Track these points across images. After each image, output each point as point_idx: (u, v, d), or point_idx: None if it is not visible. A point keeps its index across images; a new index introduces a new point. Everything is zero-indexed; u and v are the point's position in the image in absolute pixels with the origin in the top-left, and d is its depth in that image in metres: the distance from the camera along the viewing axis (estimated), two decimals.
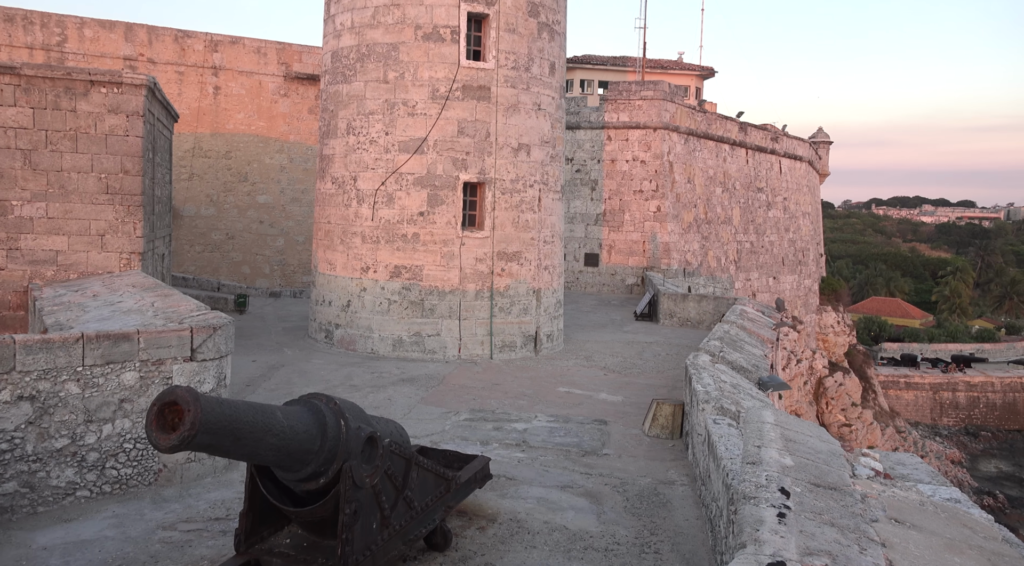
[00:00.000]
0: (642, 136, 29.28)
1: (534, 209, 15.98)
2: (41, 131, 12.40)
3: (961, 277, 76.39)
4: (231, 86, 27.13)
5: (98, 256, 12.96)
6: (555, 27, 16.30)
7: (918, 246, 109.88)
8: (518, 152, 15.65)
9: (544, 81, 16.03)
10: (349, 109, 15.64)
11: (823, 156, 49.81)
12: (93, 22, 25.04)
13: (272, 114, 27.83)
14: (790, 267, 40.25)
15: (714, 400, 8.16)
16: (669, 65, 50.14)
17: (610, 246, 29.28)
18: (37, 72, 12.30)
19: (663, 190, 29.05)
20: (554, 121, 16.50)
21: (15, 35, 23.86)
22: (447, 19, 14.93)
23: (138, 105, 12.92)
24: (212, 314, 8.58)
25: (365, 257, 15.46)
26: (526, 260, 15.91)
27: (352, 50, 15.55)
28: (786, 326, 19.06)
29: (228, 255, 27.40)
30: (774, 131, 39.72)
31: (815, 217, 47.05)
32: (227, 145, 27.22)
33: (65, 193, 12.67)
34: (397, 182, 15.18)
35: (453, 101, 15.03)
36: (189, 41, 26.49)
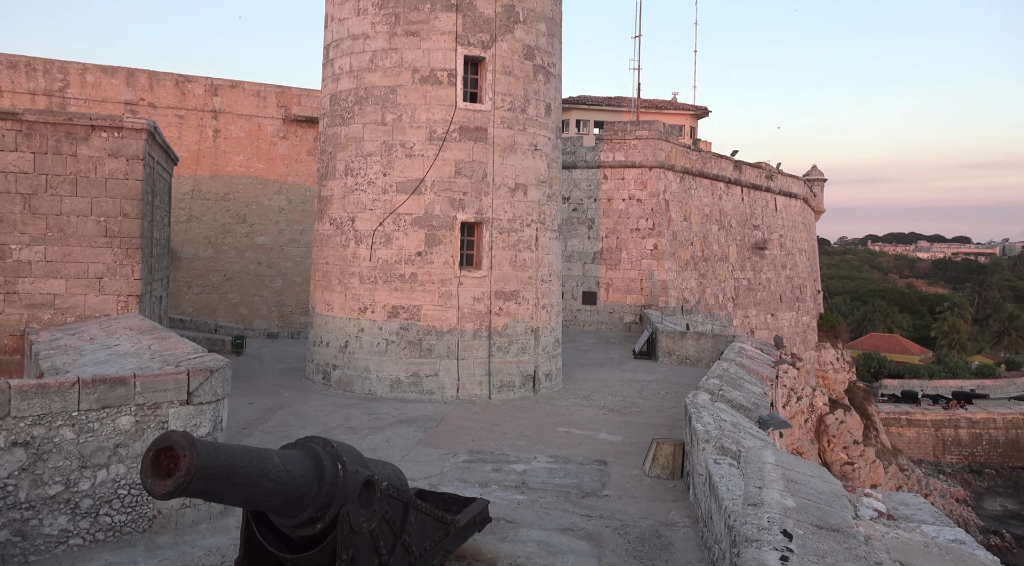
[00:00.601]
0: (638, 175, 29.55)
1: (531, 248, 16.05)
2: (41, 175, 12.49)
3: (959, 313, 76.45)
4: (231, 129, 27.43)
5: (96, 299, 12.95)
6: (550, 69, 16.56)
7: (915, 282, 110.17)
8: (515, 192, 15.77)
9: (540, 122, 16.23)
10: (347, 151, 15.79)
11: (818, 193, 50.22)
12: (95, 68, 25.39)
13: (271, 156, 28.09)
14: (788, 304, 40.29)
15: (714, 439, 8.10)
16: (663, 105, 50.85)
17: (608, 284, 29.33)
18: (39, 118, 12.44)
19: (660, 228, 29.21)
20: (550, 161, 16.66)
21: (18, 81, 24.18)
22: (444, 63, 15.18)
23: (138, 149, 13.04)
24: (209, 357, 8.55)
25: (363, 297, 15.47)
26: (524, 299, 15.92)
27: (351, 93, 15.76)
28: (785, 363, 19.01)
29: (226, 296, 27.39)
30: (769, 169, 40.11)
31: (811, 254, 47.25)
32: (226, 187, 27.41)
33: (64, 236, 12.71)
34: (395, 222, 15.26)
35: (450, 142, 15.20)
36: (190, 85, 26.85)
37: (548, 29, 16.38)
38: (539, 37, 16.07)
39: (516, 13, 15.60)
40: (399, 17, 15.22)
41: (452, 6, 15.09)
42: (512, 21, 15.54)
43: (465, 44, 15.22)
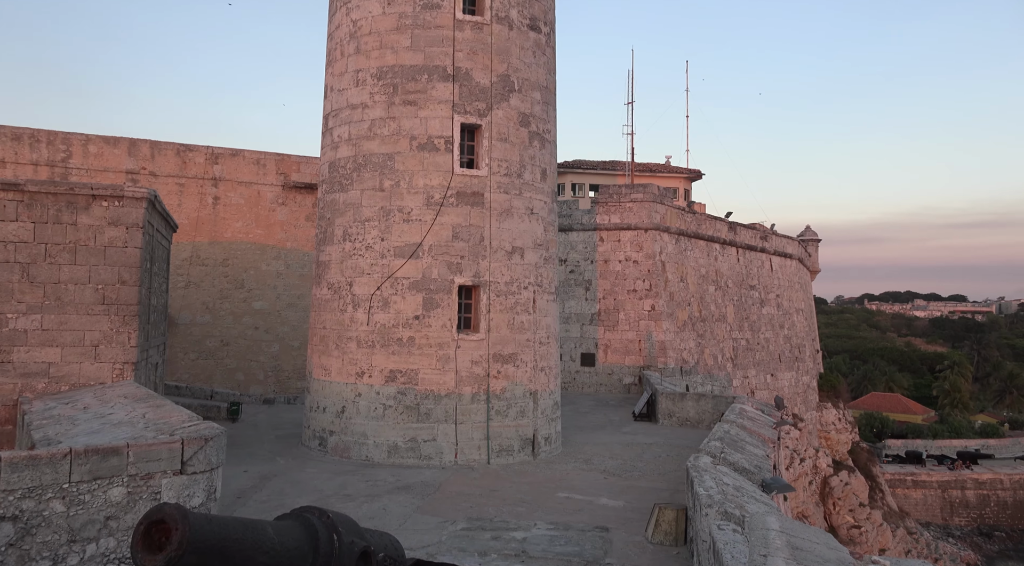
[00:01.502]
0: (634, 237, 29.82)
1: (529, 311, 16.06)
2: (41, 244, 12.58)
3: (959, 371, 76.08)
4: (230, 196, 27.76)
5: (91, 367, 12.87)
6: (545, 136, 16.88)
7: (913, 340, 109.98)
8: (512, 255, 15.88)
9: (536, 186, 16.46)
10: (345, 216, 15.95)
11: (812, 253, 50.61)
12: (98, 138, 25.86)
13: (270, 222, 28.35)
14: (787, 364, 40.11)
15: (717, 504, 7.95)
16: (657, 168, 51.70)
17: (606, 346, 29.24)
18: (41, 188, 12.60)
19: (656, 289, 29.31)
20: (547, 224, 16.82)
21: (21, 152, 24.58)
22: (442, 130, 15.48)
23: (138, 217, 13.17)
24: (204, 424, 8.45)
25: (360, 362, 15.39)
26: (522, 362, 15.84)
27: (349, 160, 16.02)
28: (787, 424, 18.81)
29: (222, 362, 27.23)
30: (763, 230, 40.52)
31: (809, 313, 47.31)
32: (224, 253, 27.57)
33: (61, 305, 12.72)
34: (392, 287, 15.31)
35: (448, 207, 15.37)
36: (191, 154, 27.30)
37: (543, 97, 16.77)
38: (534, 105, 16.45)
39: (511, 82, 16.00)
40: (397, 87, 15.59)
41: (449, 76, 15.48)
42: (507, 90, 15.93)
43: (462, 112, 15.56)
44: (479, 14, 15.83)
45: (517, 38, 16.15)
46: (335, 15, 16.88)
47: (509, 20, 16.02)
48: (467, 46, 15.61)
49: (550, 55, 17.25)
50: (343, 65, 16.36)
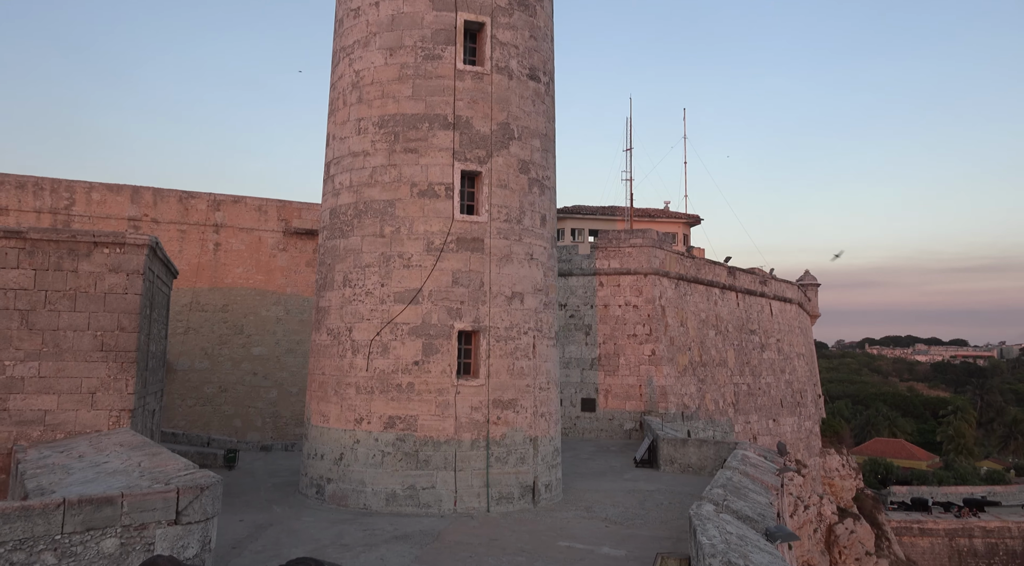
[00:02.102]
0: (633, 282, 29.88)
1: (529, 356, 16.00)
2: (41, 291, 12.60)
3: (963, 416, 75.44)
4: (231, 242, 27.90)
5: (87, 414, 12.77)
6: (545, 182, 17.05)
7: (916, 385, 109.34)
8: (512, 300, 15.89)
9: (536, 232, 16.56)
10: (346, 262, 16.01)
11: (812, 298, 50.64)
12: (101, 186, 26.10)
13: (270, 268, 28.44)
14: (789, 409, 39.81)
15: (721, 554, 7.81)
16: (656, 213, 52.05)
17: (607, 391, 29.06)
18: (43, 235, 12.68)
19: (657, 334, 29.25)
20: (546, 270, 16.88)
21: (24, 200, 24.79)
22: (442, 177, 15.64)
23: (139, 264, 13.22)
24: (200, 473, 8.35)
25: (359, 408, 15.27)
26: (522, 408, 15.72)
27: (350, 207, 16.14)
28: (790, 471, 18.58)
29: (220, 408, 27.03)
30: (762, 275, 40.62)
31: (810, 358, 47.13)
32: (225, 299, 27.59)
33: (59, 352, 12.68)
34: (392, 332, 15.28)
35: (448, 253, 15.44)
36: (193, 201, 27.53)
37: (542, 145, 16.99)
38: (533, 152, 16.65)
39: (511, 130, 16.22)
40: (398, 135, 15.80)
41: (450, 125, 15.71)
42: (507, 138, 16.14)
43: (462, 160, 15.73)
44: (479, 65, 16.13)
45: (517, 87, 16.43)
46: (338, 66, 17.20)
47: (509, 70, 16.32)
48: (467, 95, 15.87)
49: (549, 104, 17.53)
50: (345, 114, 16.61)
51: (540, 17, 17.25)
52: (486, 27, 16.15)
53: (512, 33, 16.46)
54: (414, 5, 16.00)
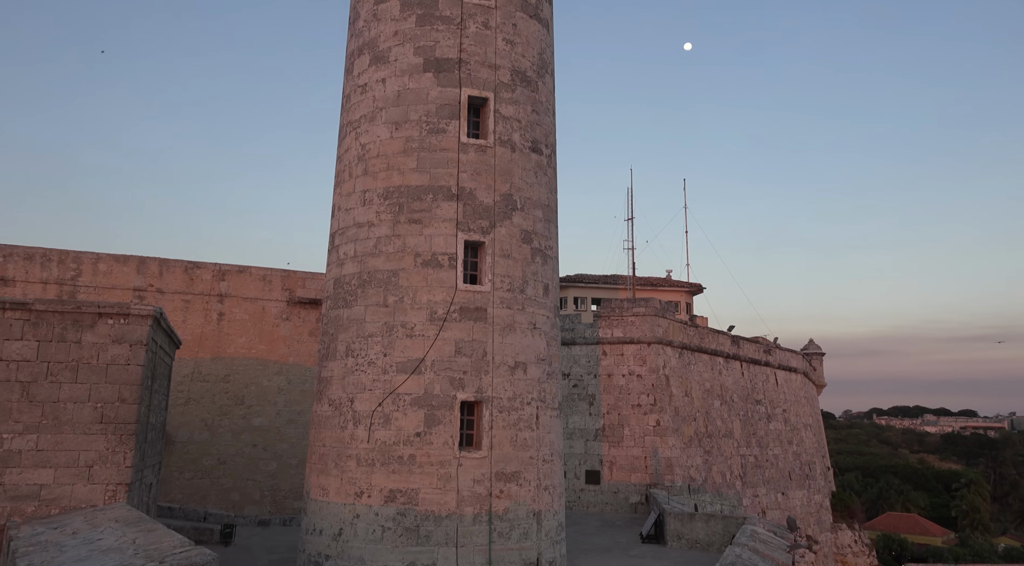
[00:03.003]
0: (637, 351, 29.74)
1: (532, 427, 15.79)
2: (43, 363, 12.57)
3: (976, 490, 73.74)
4: (235, 312, 27.97)
5: (84, 489, 12.54)
6: (547, 252, 17.18)
7: (926, 457, 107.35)
8: (515, 370, 15.79)
9: (538, 301, 16.59)
10: (349, 332, 16.00)
11: (817, 367, 50.29)
12: (108, 257, 26.35)
13: (273, 337, 28.41)
14: (798, 482, 39.01)
15: None
16: (658, 282, 52.23)
17: (611, 462, 28.55)
18: (48, 307, 12.73)
19: (661, 404, 28.94)
20: (549, 339, 16.83)
21: (32, 271, 25.00)
22: (446, 247, 15.77)
23: (142, 335, 13.22)
24: (196, 550, 8.15)
25: (359, 481, 14.99)
26: (525, 480, 15.43)
27: (354, 277, 16.23)
28: (801, 547, 18.08)
29: (218, 481, 26.55)
30: (766, 344, 40.45)
31: (817, 429, 46.46)
32: (226, 369, 27.47)
33: (58, 424, 12.56)
34: (394, 403, 15.14)
35: (451, 322, 15.44)
36: (198, 271, 27.73)
37: (544, 215, 17.19)
38: (536, 222, 16.84)
39: (514, 201, 16.45)
40: (403, 206, 16.03)
41: (453, 196, 15.94)
42: (510, 208, 16.36)
43: (465, 230, 15.91)
44: (483, 138, 16.49)
45: (519, 160, 16.74)
46: (344, 139, 17.59)
47: (511, 143, 16.67)
48: (471, 167, 16.16)
49: (551, 175, 17.83)
50: (351, 186, 16.89)
51: (542, 92, 17.72)
52: (489, 102, 16.58)
53: (515, 108, 16.88)
54: (420, 82, 16.47)
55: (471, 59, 16.59)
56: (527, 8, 17.60)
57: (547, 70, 18.17)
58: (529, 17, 17.62)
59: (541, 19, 18.07)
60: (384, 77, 16.82)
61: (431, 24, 16.66)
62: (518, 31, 17.30)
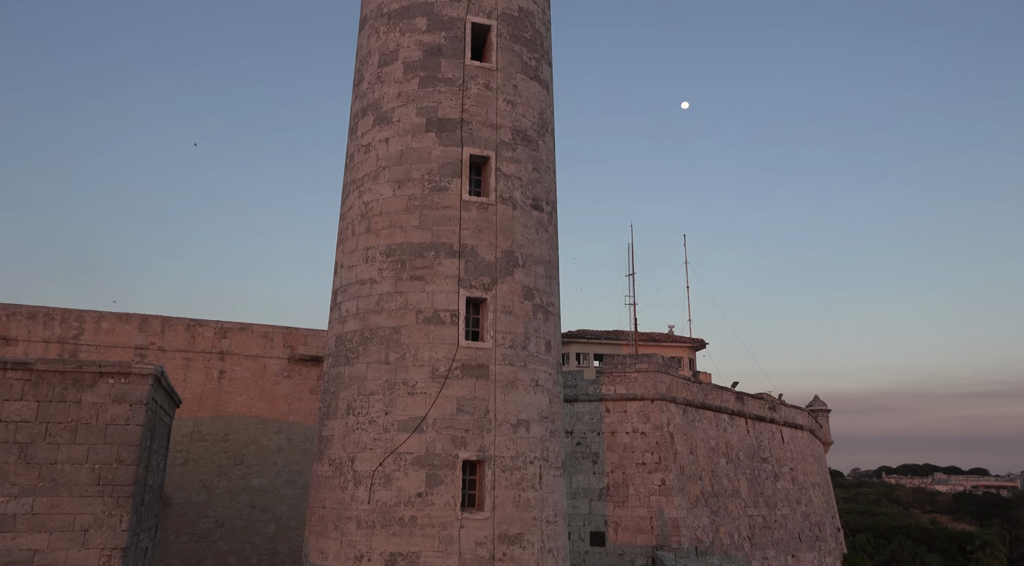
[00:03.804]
0: (640, 407, 29.45)
1: (535, 487, 15.53)
2: (42, 424, 12.46)
3: (992, 553, 71.85)
4: (236, 369, 27.83)
5: (78, 554, 12.26)
6: (549, 308, 17.18)
7: (939, 517, 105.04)
8: (517, 428, 15.61)
9: (541, 358, 16.51)
10: (350, 390, 15.88)
11: (823, 424, 49.68)
12: (111, 315, 26.37)
13: (274, 395, 28.20)
14: (808, 543, 38.10)
15: None
16: (661, 338, 52.07)
17: (616, 523, 27.96)
18: (49, 367, 12.68)
19: (666, 462, 28.50)
20: (552, 396, 16.69)
21: (34, 330, 25.00)
22: (447, 304, 15.79)
23: (143, 394, 13.13)
24: None
25: (359, 544, 14.66)
26: (528, 543, 15.08)
27: (356, 334, 16.20)
28: None
29: (215, 545, 25.98)
30: (771, 400, 40.06)
31: (826, 488, 45.61)
32: (226, 428, 27.18)
33: (55, 487, 12.36)
34: (395, 462, 14.92)
35: (452, 380, 15.33)
36: (200, 329, 27.70)
37: (546, 271, 17.26)
38: (537, 279, 16.89)
39: (515, 258, 16.54)
40: (405, 263, 16.11)
41: (455, 253, 16.04)
42: (512, 265, 16.43)
43: (467, 287, 15.95)
44: (484, 195, 16.68)
45: (521, 217, 16.90)
46: (348, 197, 17.80)
47: (513, 201, 16.85)
48: (473, 224, 16.30)
49: (552, 232, 17.97)
50: (354, 243, 17.01)
51: (542, 151, 18.00)
52: (491, 161, 16.83)
53: (516, 166, 17.12)
54: (422, 141, 16.75)
55: (473, 119, 16.91)
56: (527, 70, 18.03)
57: (547, 129, 18.50)
58: (529, 78, 18.03)
59: (541, 80, 18.48)
60: (387, 137, 17.12)
61: (434, 86, 17.05)
62: (519, 92, 17.68)
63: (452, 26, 17.43)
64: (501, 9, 17.90)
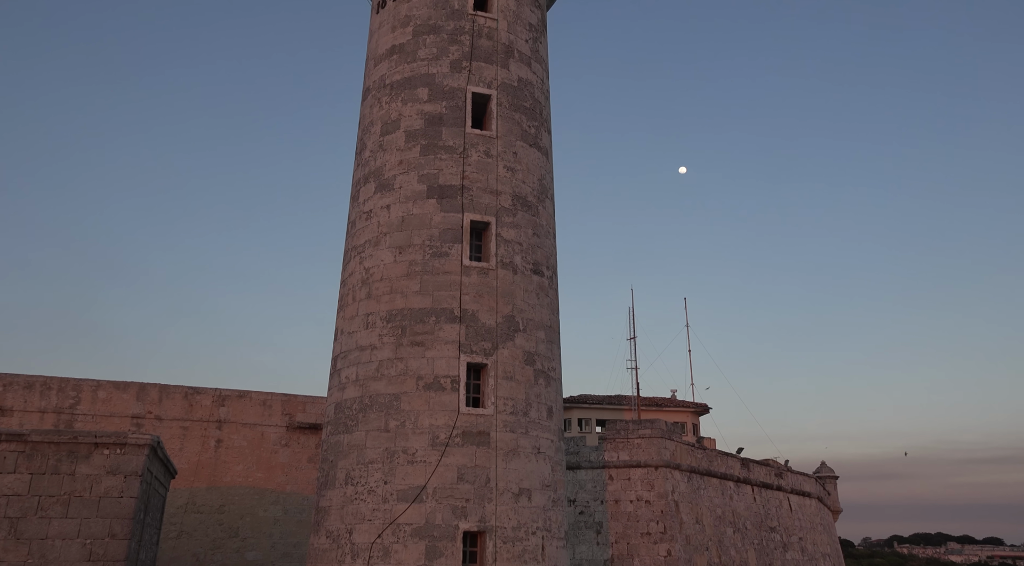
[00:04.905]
0: (644, 475, 28.88)
1: (538, 559, 15.08)
2: (35, 497, 12.18)
3: None
4: (233, 438, 27.42)
5: None
6: (550, 373, 17.03)
7: None
8: (519, 497, 15.27)
9: (542, 425, 16.27)
10: (349, 459, 15.59)
11: (832, 491, 48.67)
12: (108, 384, 26.13)
13: (271, 465, 27.69)
14: None
15: None
16: (663, 402, 51.53)
17: None
18: (44, 438, 12.48)
19: (671, 532, 27.78)
20: (554, 464, 16.38)
21: (31, 400, 24.74)
22: (448, 370, 15.65)
23: (138, 465, 12.88)
24: None
25: None
26: None
27: (355, 401, 16.01)
28: None
29: None
30: (777, 467, 39.35)
31: (836, 558, 44.37)
32: (222, 499, 26.60)
33: (45, 563, 11.99)
34: (394, 534, 14.53)
35: (453, 447, 15.08)
36: (198, 397, 27.41)
37: (547, 336, 17.18)
38: (539, 344, 16.80)
39: (516, 323, 16.48)
40: (406, 329, 16.05)
41: (456, 318, 16.00)
42: (513, 330, 16.37)
43: (468, 352, 15.84)
44: (485, 261, 16.74)
45: (521, 282, 16.92)
46: (349, 263, 17.86)
47: (513, 266, 16.91)
48: (473, 290, 16.31)
49: (553, 296, 17.97)
50: (354, 309, 16.99)
51: (542, 216, 18.16)
52: (491, 226, 16.96)
53: (516, 231, 17.24)
54: (423, 208, 16.92)
55: (473, 185, 17.12)
56: (527, 137, 18.35)
57: (547, 195, 18.71)
58: (529, 146, 18.33)
59: (540, 147, 18.79)
60: (389, 203, 17.29)
61: (435, 153, 17.32)
62: (519, 159, 17.95)
63: (453, 96, 17.83)
64: (501, 79, 18.34)
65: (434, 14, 18.62)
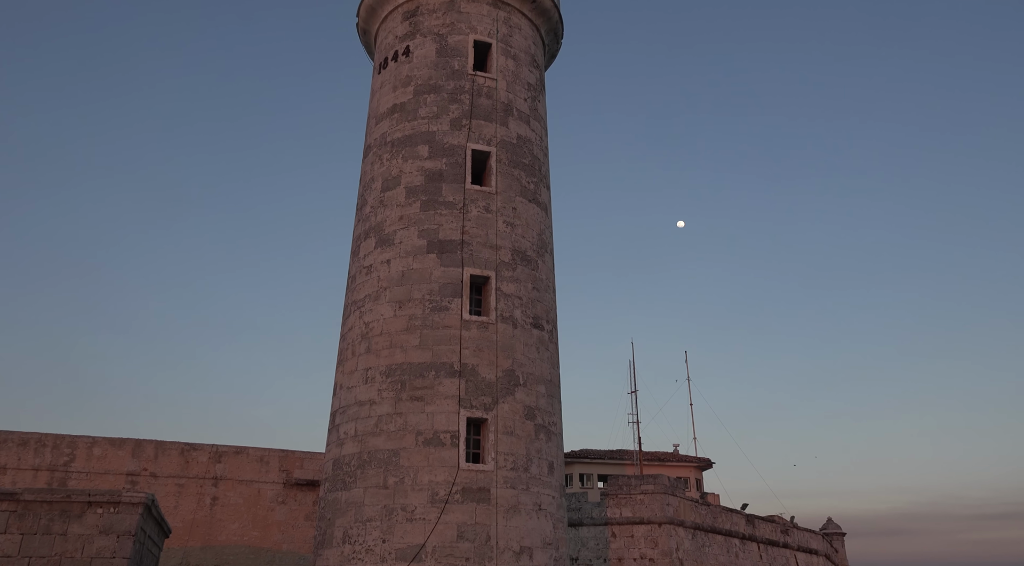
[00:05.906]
0: (647, 532, 28.32)
1: None
2: (25, 558, 11.91)
3: None
4: (229, 496, 26.98)
5: None
6: (551, 428, 16.86)
7: None
8: (520, 556, 14.94)
9: (544, 480, 16.04)
10: (347, 517, 15.32)
11: (839, 549, 47.66)
12: (104, 441, 25.84)
13: (267, 522, 27.18)
14: None
15: None
16: (666, 457, 50.82)
17: None
18: (37, 497, 12.27)
19: None
20: (556, 521, 16.09)
21: (24, 458, 24.43)
22: (448, 425, 15.50)
23: (131, 524, 12.65)
24: None
25: None
26: None
27: (354, 457, 15.81)
28: None
29: None
30: (783, 523, 38.63)
31: None
32: (216, 558, 26.02)
33: None
34: None
35: (452, 504, 14.83)
36: (194, 454, 27.07)
37: (547, 390, 17.06)
38: (539, 398, 16.67)
39: (516, 377, 16.40)
40: (405, 384, 15.95)
41: (456, 372, 15.92)
42: (513, 384, 16.27)
43: (468, 407, 15.72)
44: (484, 315, 16.75)
45: (521, 336, 16.89)
46: (348, 318, 17.86)
47: (513, 320, 16.90)
48: (473, 344, 16.27)
49: (553, 350, 17.91)
50: (354, 364, 16.91)
51: (542, 270, 18.24)
52: (491, 281, 17.01)
53: (516, 286, 17.29)
54: (423, 262, 17.00)
55: (473, 240, 17.24)
56: (526, 193, 18.56)
57: (546, 249, 18.82)
58: (528, 201, 18.52)
59: (539, 203, 18.99)
60: (389, 258, 17.39)
61: (435, 209, 17.49)
62: (518, 214, 18.12)
63: (453, 153, 18.10)
64: (500, 137, 18.65)
65: (435, 74, 19.04)
